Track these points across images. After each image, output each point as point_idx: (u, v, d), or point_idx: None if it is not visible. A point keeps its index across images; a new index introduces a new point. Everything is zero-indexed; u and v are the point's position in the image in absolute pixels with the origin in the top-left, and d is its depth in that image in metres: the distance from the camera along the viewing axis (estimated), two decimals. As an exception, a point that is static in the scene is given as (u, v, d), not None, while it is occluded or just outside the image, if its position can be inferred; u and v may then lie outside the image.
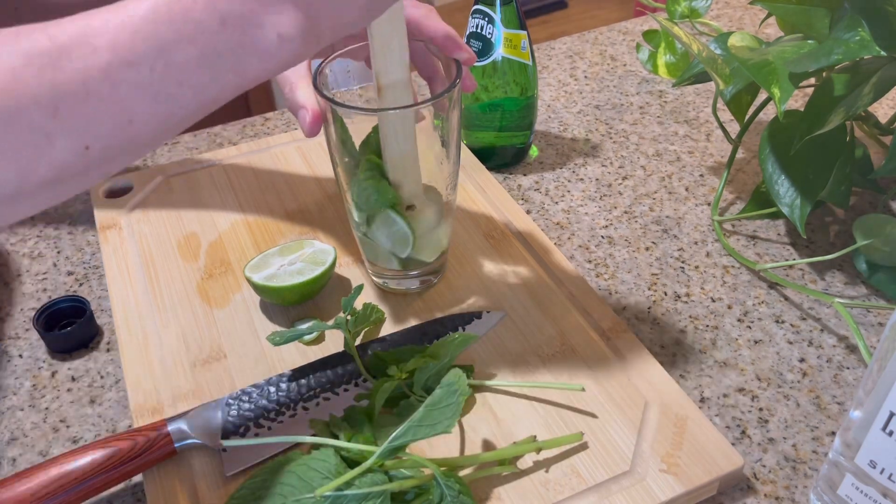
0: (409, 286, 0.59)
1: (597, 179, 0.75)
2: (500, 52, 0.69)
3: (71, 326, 0.58)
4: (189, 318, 0.58)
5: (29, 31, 0.33)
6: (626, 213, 0.71)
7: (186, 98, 0.36)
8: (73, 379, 0.57)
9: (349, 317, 0.55)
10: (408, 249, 0.56)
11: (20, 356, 0.59)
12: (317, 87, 0.50)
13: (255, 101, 1.89)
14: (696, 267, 0.65)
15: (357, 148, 0.53)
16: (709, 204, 0.72)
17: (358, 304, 0.57)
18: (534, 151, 0.78)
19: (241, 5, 0.35)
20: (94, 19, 0.34)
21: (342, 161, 0.53)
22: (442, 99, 0.50)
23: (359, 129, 0.51)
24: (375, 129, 0.52)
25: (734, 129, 0.76)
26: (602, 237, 0.68)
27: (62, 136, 0.33)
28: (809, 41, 0.63)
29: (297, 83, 0.53)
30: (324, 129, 0.52)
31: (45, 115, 0.32)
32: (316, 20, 0.37)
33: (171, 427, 0.48)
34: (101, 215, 0.68)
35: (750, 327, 0.60)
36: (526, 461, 0.48)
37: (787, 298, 0.62)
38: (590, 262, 0.66)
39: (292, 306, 0.59)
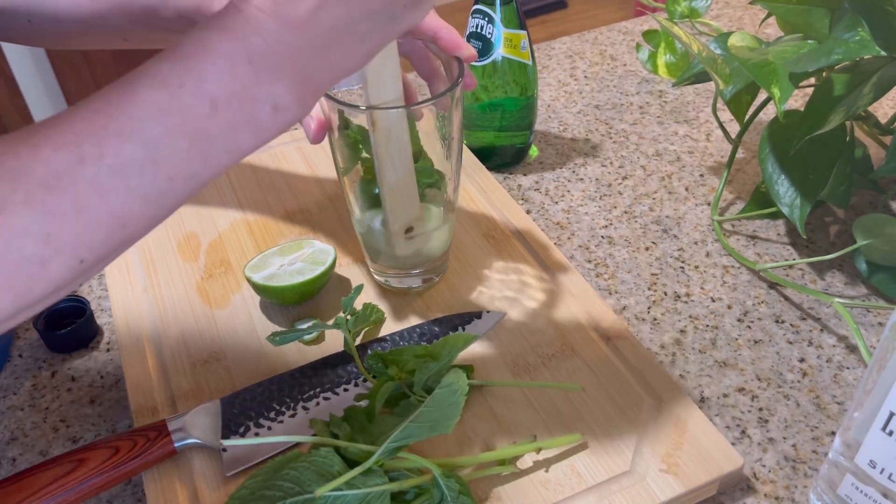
0: (410, 284, 0.60)
1: (597, 179, 0.75)
2: (500, 51, 0.69)
3: (71, 326, 0.58)
4: (189, 318, 0.58)
5: (13, 148, 0.31)
6: (626, 213, 0.71)
7: (178, 190, 0.33)
8: (73, 379, 0.57)
9: (349, 317, 0.55)
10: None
11: (20, 356, 0.59)
12: None
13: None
14: (696, 267, 0.65)
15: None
16: (709, 204, 0.72)
17: (358, 303, 0.57)
18: (534, 151, 0.78)
19: (232, 82, 0.33)
20: (77, 121, 0.31)
21: (347, 163, 0.53)
22: (444, 98, 0.50)
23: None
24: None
25: (734, 129, 0.76)
26: (602, 237, 0.68)
27: (56, 257, 0.31)
28: (809, 41, 0.63)
29: None
30: (328, 133, 0.52)
31: (37, 242, 0.30)
32: (312, 80, 0.35)
33: (171, 427, 0.48)
34: (101, 215, 0.68)
35: (750, 327, 0.60)
36: (526, 461, 0.48)
37: (787, 298, 0.62)
38: (590, 262, 0.66)
39: (292, 306, 0.59)
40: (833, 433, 0.52)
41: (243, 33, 0.33)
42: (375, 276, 0.61)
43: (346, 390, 0.52)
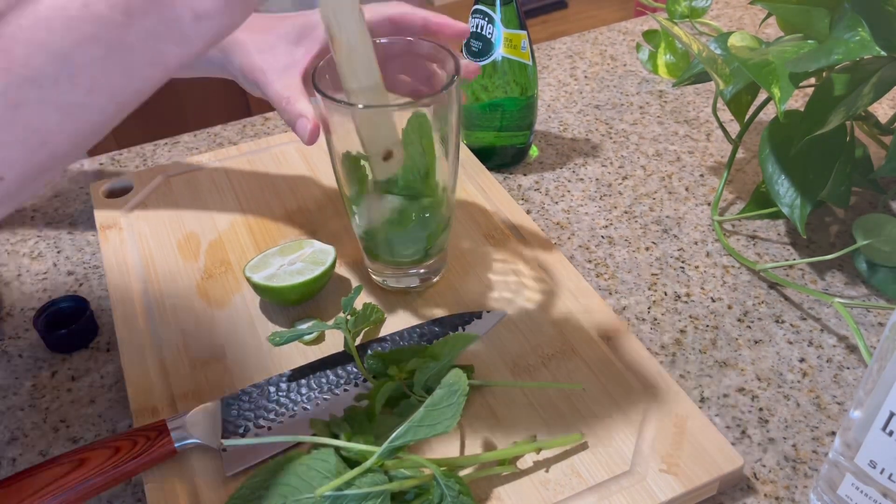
0: (409, 284, 0.59)
1: (597, 179, 0.75)
2: (500, 52, 0.69)
3: (71, 326, 0.58)
4: (189, 318, 0.58)
5: None
6: (626, 213, 0.71)
7: (101, 103, 0.32)
8: (73, 379, 0.57)
9: (349, 317, 0.55)
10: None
11: (20, 356, 0.59)
12: (317, 87, 0.50)
13: (255, 101, 1.89)
14: (696, 267, 0.65)
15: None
16: (709, 204, 0.72)
17: (358, 304, 0.57)
18: (534, 151, 0.78)
19: None
20: None
21: (354, 188, 0.54)
22: (440, 95, 0.50)
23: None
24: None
25: (734, 129, 0.76)
26: (602, 237, 0.68)
27: None
28: (809, 41, 0.63)
29: (294, 96, 0.52)
30: (324, 135, 0.52)
31: None
32: None
33: (171, 427, 0.48)
34: (101, 215, 0.68)
35: (750, 327, 0.60)
36: (526, 461, 0.48)
37: (787, 298, 0.62)
38: (590, 262, 0.66)
39: (292, 306, 0.59)
40: (833, 433, 0.52)
41: None
42: (374, 277, 0.61)
43: (346, 390, 0.52)
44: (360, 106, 0.49)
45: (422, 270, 0.59)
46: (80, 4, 0.31)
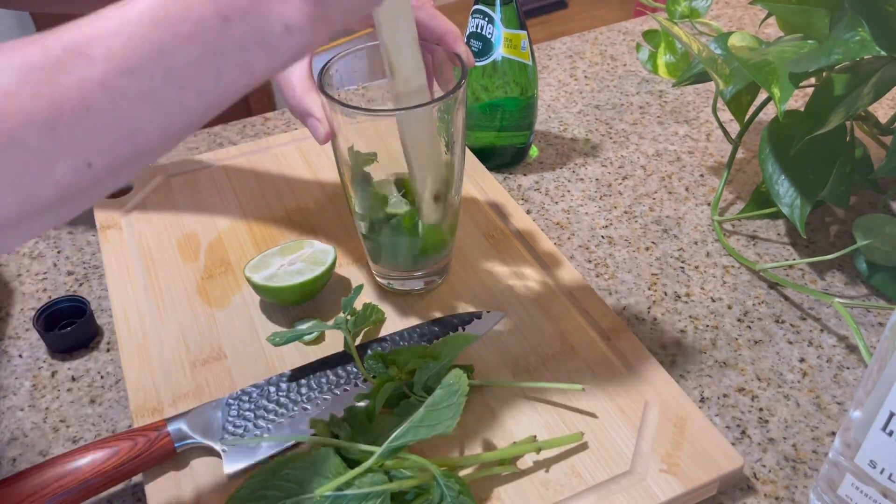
0: (413, 287, 0.60)
1: (597, 179, 0.75)
2: (500, 52, 0.69)
3: (71, 326, 0.58)
4: (189, 318, 0.58)
5: (24, 45, 0.31)
6: (626, 213, 0.71)
7: (190, 102, 0.34)
8: (73, 379, 0.57)
9: (349, 317, 0.55)
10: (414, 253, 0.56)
11: (20, 356, 0.59)
12: (322, 89, 0.49)
13: (256, 101, 1.89)
14: (696, 267, 0.65)
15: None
16: (709, 204, 0.72)
17: (358, 304, 0.57)
18: (534, 151, 0.78)
19: None
20: (89, 26, 0.32)
21: (349, 172, 0.54)
22: (452, 95, 0.50)
23: (361, 128, 0.51)
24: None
25: (734, 129, 0.76)
26: (602, 237, 0.68)
27: (63, 155, 0.31)
28: (809, 41, 0.63)
29: (305, 91, 0.52)
30: (332, 138, 0.52)
31: (42, 135, 0.30)
32: (324, 4, 0.35)
33: (171, 427, 0.48)
34: (101, 215, 0.68)
35: (750, 327, 0.60)
36: (526, 461, 0.48)
37: (787, 298, 0.62)
38: (590, 262, 0.66)
39: (292, 306, 0.59)
40: (833, 433, 0.52)
41: None
42: (378, 279, 0.60)
43: (346, 390, 0.52)
44: (365, 110, 0.49)
45: (427, 273, 0.59)
46: (181, 6, 0.32)
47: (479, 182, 0.71)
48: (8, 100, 0.30)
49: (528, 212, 0.71)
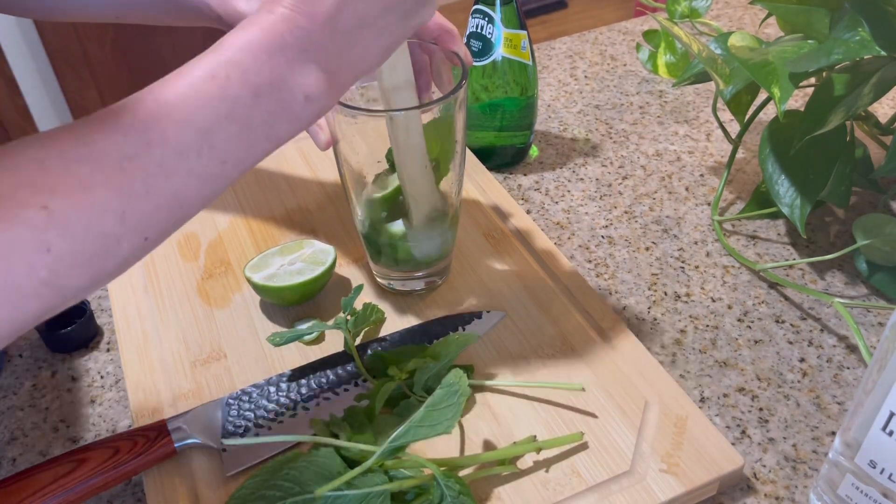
0: (413, 287, 0.60)
1: (597, 179, 0.75)
2: (500, 52, 0.69)
3: (71, 326, 0.58)
4: (189, 318, 0.58)
5: (87, 133, 0.33)
6: (626, 213, 0.71)
7: (228, 173, 0.36)
8: (73, 379, 0.57)
9: (349, 317, 0.55)
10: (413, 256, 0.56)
11: (20, 356, 0.59)
12: None
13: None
14: (696, 267, 0.65)
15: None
16: (709, 204, 0.72)
17: (358, 304, 0.57)
18: (534, 151, 0.78)
19: (270, 73, 0.36)
20: (140, 111, 0.34)
21: (351, 176, 0.54)
22: (452, 95, 0.50)
23: (362, 129, 0.51)
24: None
25: (734, 129, 0.76)
26: (602, 237, 0.68)
27: (127, 235, 0.33)
28: (809, 41, 0.63)
29: None
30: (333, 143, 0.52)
31: (114, 221, 0.33)
32: (337, 74, 0.38)
33: (171, 427, 0.48)
34: (101, 215, 0.68)
35: (750, 327, 0.60)
36: (526, 461, 0.48)
37: (787, 298, 0.62)
38: (590, 262, 0.66)
39: (292, 306, 0.59)
40: (833, 433, 0.52)
41: (277, 30, 0.36)
42: (378, 280, 0.60)
43: (346, 390, 0.52)
44: (365, 110, 0.49)
45: (427, 274, 0.59)
46: (216, 87, 0.35)
47: (479, 182, 0.71)
48: (86, 189, 0.32)
49: (528, 212, 0.71)
